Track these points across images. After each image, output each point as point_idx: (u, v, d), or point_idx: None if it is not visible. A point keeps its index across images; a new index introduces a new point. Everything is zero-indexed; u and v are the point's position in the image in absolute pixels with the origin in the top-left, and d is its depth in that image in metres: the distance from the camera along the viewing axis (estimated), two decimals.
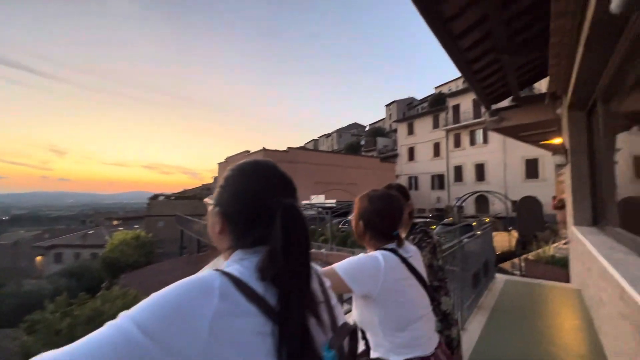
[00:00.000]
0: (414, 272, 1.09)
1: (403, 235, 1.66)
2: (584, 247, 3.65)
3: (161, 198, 33.35)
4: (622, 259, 2.43)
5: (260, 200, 0.56)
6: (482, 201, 23.69)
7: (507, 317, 3.55)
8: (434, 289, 1.50)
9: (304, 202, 16.95)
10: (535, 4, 3.85)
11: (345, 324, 0.56)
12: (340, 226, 14.01)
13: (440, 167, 28.46)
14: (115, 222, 47.90)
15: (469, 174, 25.97)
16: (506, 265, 9.02)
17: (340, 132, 74.61)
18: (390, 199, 1.19)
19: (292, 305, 0.48)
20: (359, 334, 0.61)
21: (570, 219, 5.35)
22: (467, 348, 2.78)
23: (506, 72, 5.49)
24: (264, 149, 25.18)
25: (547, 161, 19.61)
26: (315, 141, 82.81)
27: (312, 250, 1.43)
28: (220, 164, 32.73)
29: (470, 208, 24.68)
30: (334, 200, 14.90)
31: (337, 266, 1.07)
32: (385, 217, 1.16)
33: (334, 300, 0.62)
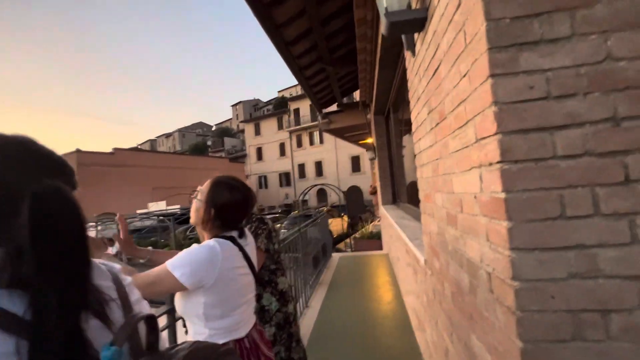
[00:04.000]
0: (248, 260, 1.11)
1: None
2: (387, 220, 4.80)
3: None
4: (407, 225, 3.32)
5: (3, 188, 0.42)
6: (322, 194, 27.12)
7: (342, 287, 4.21)
8: (272, 271, 1.60)
9: (140, 211, 14.45)
10: (347, 26, 4.71)
11: (133, 315, 0.50)
12: (187, 233, 12.80)
13: (287, 166, 30.62)
14: None
15: (311, 170, 29.16)
16: (341, 245, 10.71)
17: (183, 131, 67.98)
18: (249, 192, 1.18)
19: (49, 311, 0.38)
20: (158, 322, 0.56)
21: (380, 200, 6.91)
22: (310, 322, 3.12)
23: (331, 81, 6.47)
24: (78, 151, 19.83)
25: (365, 157, 24.44)
26: (152, 142, 72.12)
27: (141, 249, 1.24)
28: None
29: (313, 200, 27.79)
30: (177, 206, 13.44)
31: (169, 263, 0.97)
32: (242, 209, 1.15)
33: (134, 296, 0.55)
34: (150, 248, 1.28)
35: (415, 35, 1.52)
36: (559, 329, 0.69)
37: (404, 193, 5.46)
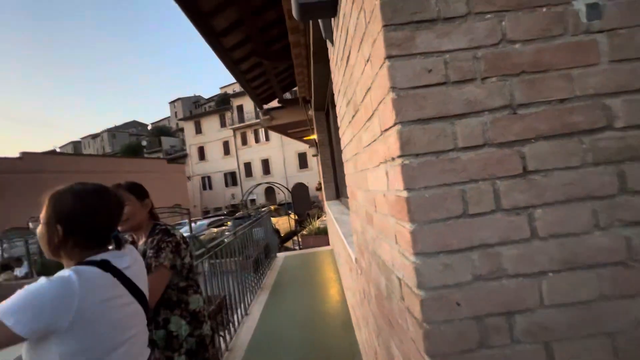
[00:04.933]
0: (129, 286, 0.89)
1: (142, 241, 1.43)
2: (330, 215, 4.77)
3: None
4: (345, 221, 3.29)
5: None
6: (270, 192, 26.62)
7: (285, 289, 4.07)
8: (181, 289, 1.39)
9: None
10: (281, 18, 4.52)
11: None
12: None
13: (232, 165, 29.40)
14: None
15: (257, 169, 28.40)
16: (289, 243, 10.58)
17: (113, 131, 61.29)
18: (106, 193, 0.93)
19: None
20: None
21: (324, 196, 6.91)
22: (249, 331, 2.93)
23: (269, 76, 6.23)
24: None
25: (311, 153, 24.58)
26: (75, 143, 63.83)
27: None
28: None
29: (261, 199, 27.14)
30: None
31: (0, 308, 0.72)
32: (104, 218, 0.90)
33: None
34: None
35: (333, 22, 1.42)
36: (466, 338, 0.63)
37: (346, 188, 5.51)
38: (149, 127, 65.39)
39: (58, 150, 59.55)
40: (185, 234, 1.53)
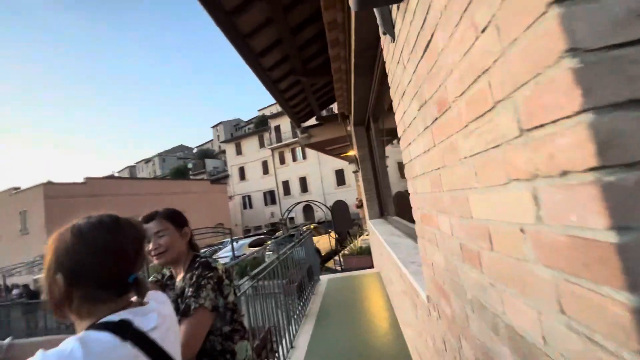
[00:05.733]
0: (157, 355, 0.67)
1: (180, 275, 1.24)
2: (376, 235, 4.41)
3: None
4: (398, 243, 2.94)
5: None
6: (308, 210, 26.61)
7: (332, 317, 3.74)
8: (226, 336, 1.17)
9: None
10: (320, 34, 4.44)
11: None
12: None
13: (270, 184, 30.04)
14: None
15: (295, 187, 28.67)
16: (330, 263, 10.21)
17: (163, 155, 66.42)
18: (117, 225, 0.72)
19: None
20: None
21: (366, 214, 6.55)
22: None
23: (307, 94, 6.18)
24: (48, 183, 18.64)
25: (349, 170, 24.28)
26: (131, 168, 69.99)
27: None
28: None
29: (300, 217, 27.20)
30: None
31: None
32: (112, 256, 0.68)
33: None
34: (6, 341, 0.79)
35: (394, 12, 1.19)
36: None
37: (392, 205, 5.12)
38: (194, 150, 69.90)
39: (116, 174, 65.60)
40: (227, 256, 1.33)
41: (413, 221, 1.47)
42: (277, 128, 29.66)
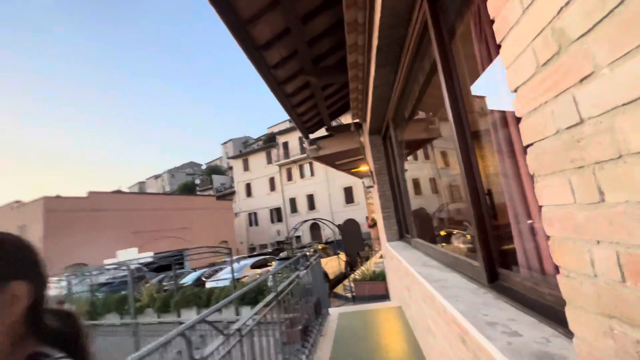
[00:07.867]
0: None
1: None
2: (400, 264, 3.61)
3: None
4: (441, 279, 2.16)
5: None
6: (315, 228, 25.66)
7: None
8: None
9: (107, 261, 12.77)
10: (332, 28, 3.87)
11: None
12: (163, 284, 11.19)
13: (277, 201, 29.34)
14: None
15: (302, 204, 27.89)
16: (339, 289, 9.28)
17: (172, 172, 66.81)
18: None
19: None
20: None
21: (382, 235, 5.74)
22: None
23: (317, 100, 5.58)
24: (49, 196, 18.30)
25: (359, 187, 23.50)
26: (141, 184, 70.44)
27: None
28: None
29: (306, 236, 26.25)
30: (150, 253, 11.93)
31: None
32: None
33: None
34: None
35: None
36: None
37: (413, 226, 4.34)
38: (203, 167, 70.18)
39: (126, 190, 65.97)
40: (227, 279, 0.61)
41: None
42: (285, 144, 29.31)
